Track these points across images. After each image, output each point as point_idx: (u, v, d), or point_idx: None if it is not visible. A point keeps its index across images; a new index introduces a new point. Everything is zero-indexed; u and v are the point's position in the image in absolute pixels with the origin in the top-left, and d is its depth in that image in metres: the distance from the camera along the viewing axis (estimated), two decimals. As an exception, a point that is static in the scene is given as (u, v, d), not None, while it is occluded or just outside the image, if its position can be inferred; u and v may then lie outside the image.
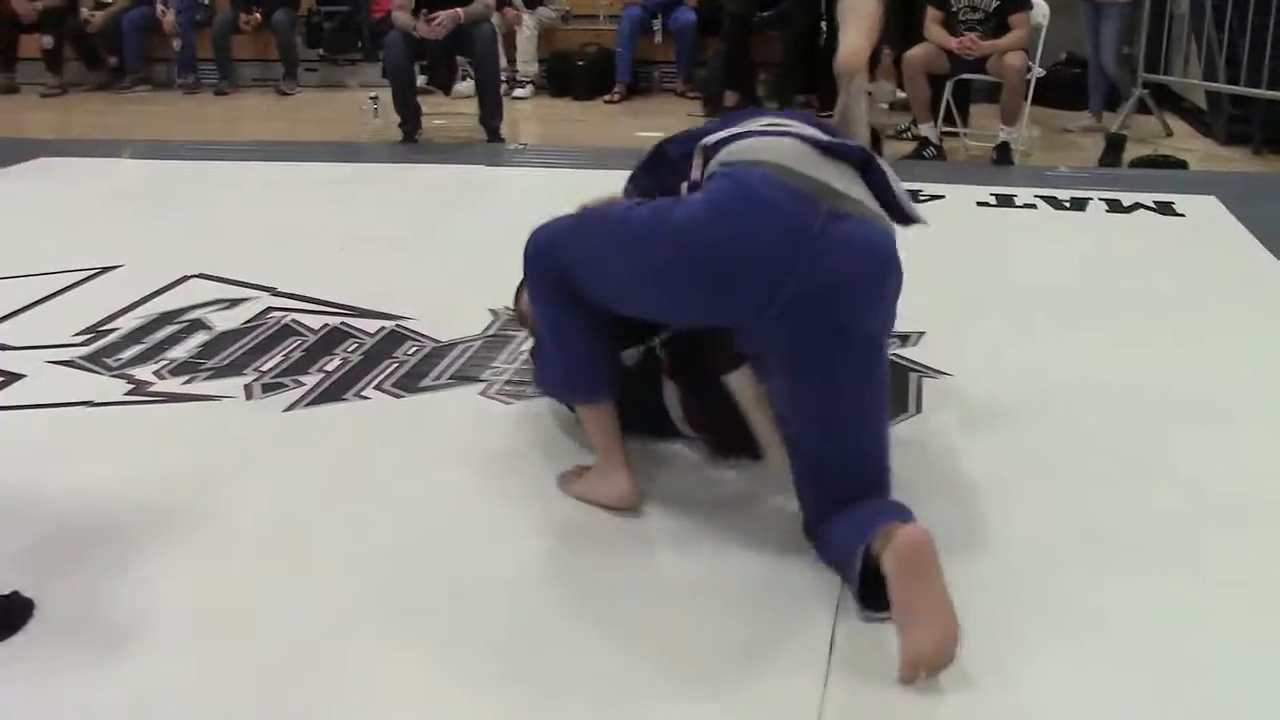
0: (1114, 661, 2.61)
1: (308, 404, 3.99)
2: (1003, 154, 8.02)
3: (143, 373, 4.26)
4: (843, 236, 2.82)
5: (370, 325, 4.68)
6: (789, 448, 3.02)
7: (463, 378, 4.18)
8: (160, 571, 2.98)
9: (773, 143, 3.02)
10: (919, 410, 3.93)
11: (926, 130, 8.24)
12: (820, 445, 2.94)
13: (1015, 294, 5.08)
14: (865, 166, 3.10)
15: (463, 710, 2.48)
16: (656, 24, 11.10)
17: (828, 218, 2.81)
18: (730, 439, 3.43)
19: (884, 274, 2.93)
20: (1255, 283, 5.35)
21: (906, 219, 3.21)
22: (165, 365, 4.32)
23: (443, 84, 9.26)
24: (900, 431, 3.72)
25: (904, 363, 4.27)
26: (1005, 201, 6.74)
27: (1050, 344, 4.50)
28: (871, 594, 2.69)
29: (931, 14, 8.08)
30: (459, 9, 8.42)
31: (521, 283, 3.55)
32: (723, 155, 3.03)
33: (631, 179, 3.43)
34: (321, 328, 4.67)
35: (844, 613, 2.76)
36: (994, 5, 7.91)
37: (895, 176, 3.17)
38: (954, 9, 8.00)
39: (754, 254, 2.79)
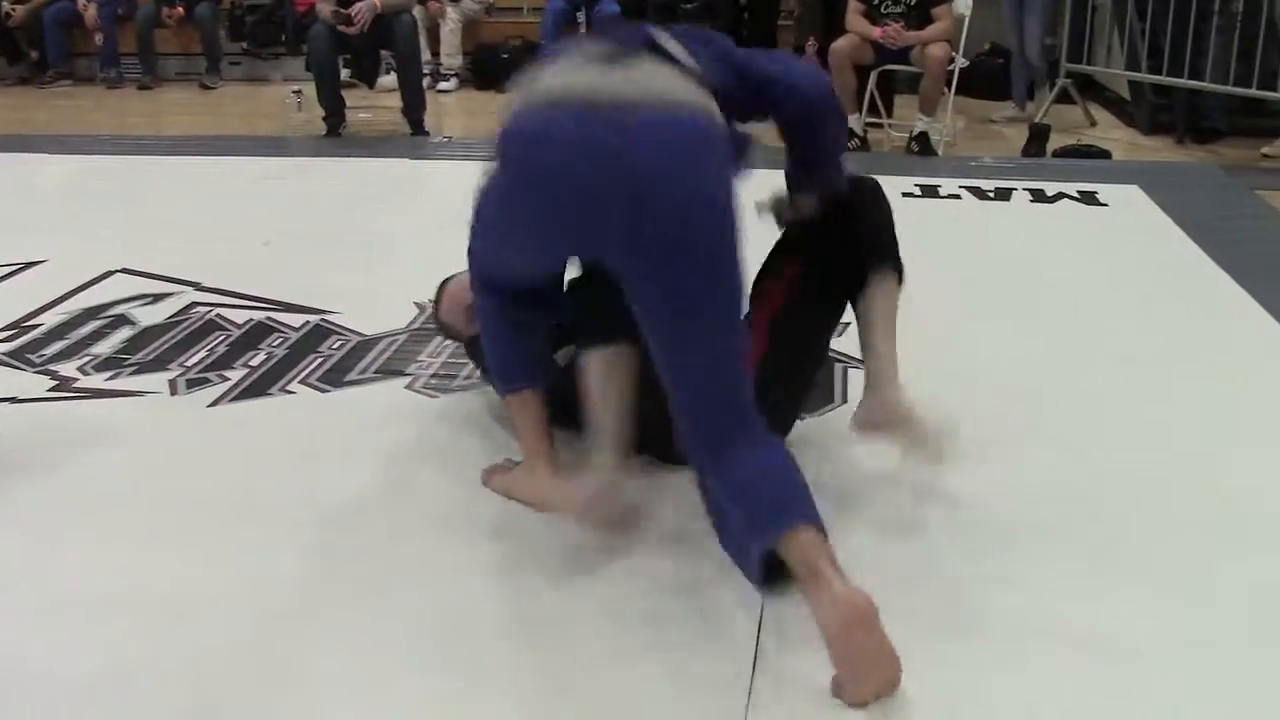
0: (1051, 660, 2.64)
1: (232, 399, 3.98)
2: (923, 144, 8.07)
3: (67, 369, 4.23)
4: (636, 137, 2.67)
5: (295, 320, 4.67)
6: (668, 390, 2.85)
7: (388, 372, 4.18)
8: (85, 567, 2.98)
9: (551, 67, 2.98)
10: (844, 400, 3.95)
11: (851, 121, 8.27)
12: (677, 374, 2.79)
13: (939, 284, 5.10)
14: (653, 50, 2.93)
15: (391, 697, 2.48)
16: (581, 16, 11.10)
17: (613, 129, 2.67)
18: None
19: (692, 153, 2.73)
20: (1179, 270, 5.41)
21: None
22: (89, 361, 4.30)
23: (366, 77, 9.24)
24: (826, 422, 3.77)
25: (830, 353, 4.30)
26: (930, 192, 6.78)
27: (975, 333, 4.54)
28: (773, 583, 2.64)
29: (853, 5, 8.11)
30: (375, 1, 8.42)
31: (440, 289, 3.59)
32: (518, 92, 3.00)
33: None
34: (246, 323, 4.65)
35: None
36: (915, -1, 8.00)
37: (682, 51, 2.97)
38: (876, 2, 8.05)
39: (563, 196, 2.74)
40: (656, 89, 2.78)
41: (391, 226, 6.04)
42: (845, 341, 4.34)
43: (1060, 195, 6.70)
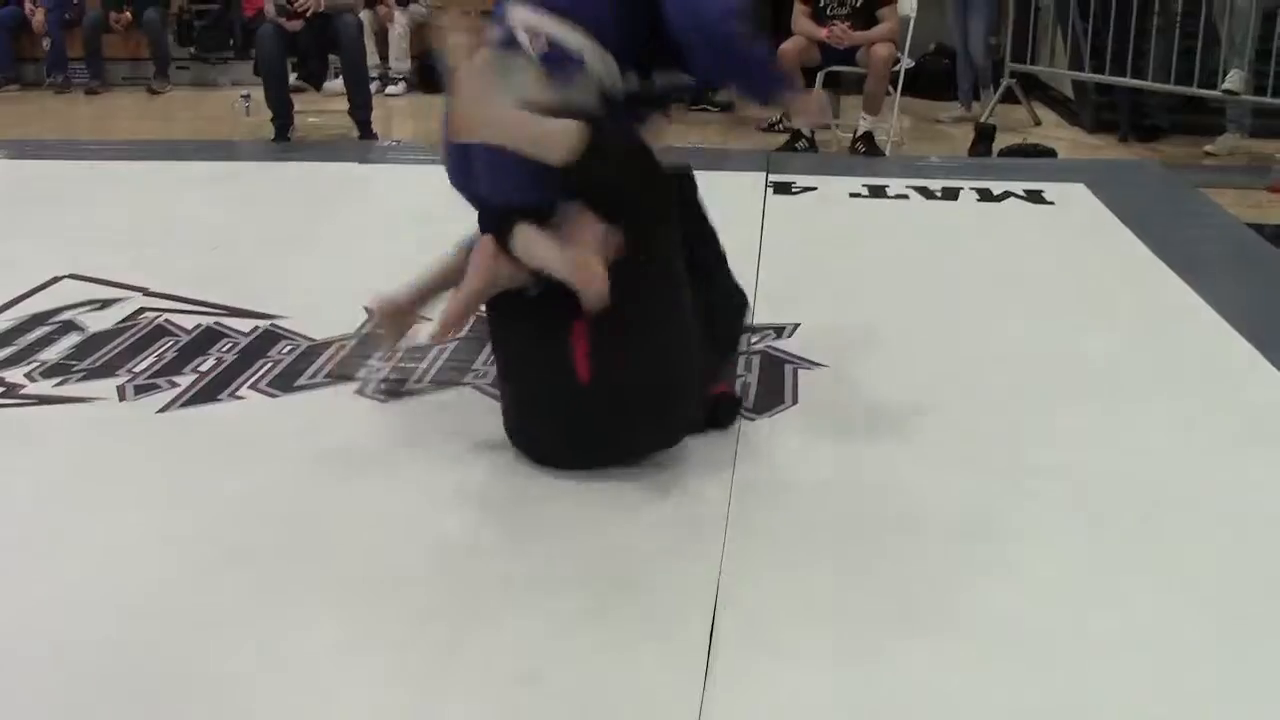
0: (990, 650, 2.69)
1: (182, 405, 3.97)
2: (869, 144, 8.12)
3: (14, 375, 4.21)
4: None
5: (244, 325, 4.66)
6: None
7: (339, 377, 4.18)
8: (34, 574, 2.98)
9: None
10: (795, 402, 3.97)
11: (799, 122, 8.32)
12: None
13: (888, 284, 5.15)
14: None
15: (342, 701, 2.51)
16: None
17: None
18: None
19: None
20: (1125, 267, 5.47)
21: None
22: (37, 367, 4.28)
23: (314, 80, 9.22)
24: (777, 423, 3.80)
25: (779, 355, 4.33)
26: (877, 192, 6.80)
27: (924, 332, 4.57)
28: None
29: (799, 8, 8.17)
30: None
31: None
32: None
33: None
34: (195, 328, 4.64)
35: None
36: (860, 1, 8.02)
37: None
38: (821, 4, 8.09)
39: None
40: None
41: (341, 230, 6.03)
42: (794, 343, 4.41)
43: (1007, 194, 6.74)
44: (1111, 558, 3.04)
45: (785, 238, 5.61)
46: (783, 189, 6.70)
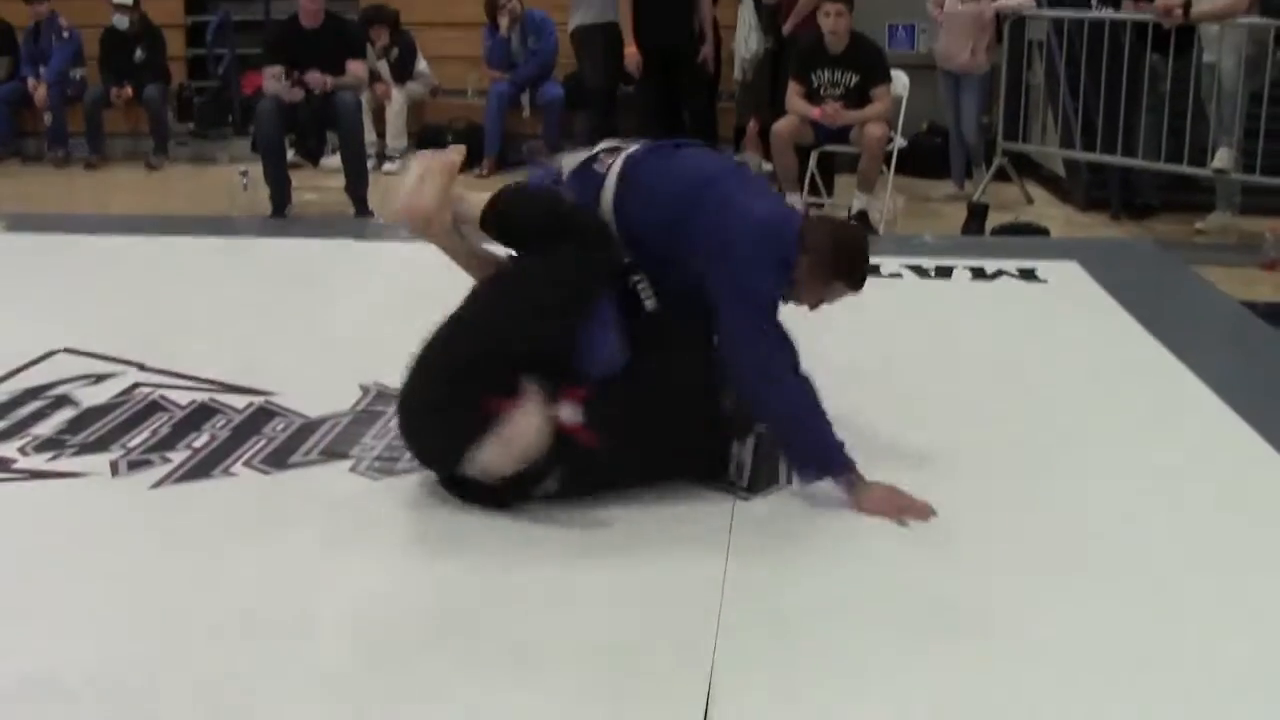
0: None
1: (175, 480, 3.97)
2: (863, 222, 8.14)
3: (7, 449, 4.21)
4: None
5: (239, 401, 4.66)
6: None
7: (332, 454, 4.17)
8: (22, 647, 2.97)
9: None
10: (790, 482, 3.96)
11: (793, 201, 8.35)
12: None
13: (883, 363, 5.16)
14: None
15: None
16: (524, 99, 11.20)
17: None
18: None
19: None
20: (1117, 344, 5.48)
21: None
22: (30, 442, 4.28)
23: (311, 156, 9.30)
24: (772, 503, 3.81)
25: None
26: (871, 271, 6.80)
27: (919, 411, 4.57)
28: None
29: (794, 87, 8.23)
30: (327, 76, 8.49)
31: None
32: None
33: None
34: (189, 404, 4.64)
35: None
36: (854, 81, 8.07)
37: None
38: (815, 85, 8.15)
39: None
40: None
41: (336, 308, 6.05)
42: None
43: (1000, 272, 6.76)
44: (1113, 637, 3.04)
45: (780, 316, 5.62)
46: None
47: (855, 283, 3.94)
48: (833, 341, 5.41)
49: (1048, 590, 3.28)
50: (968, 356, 5.29)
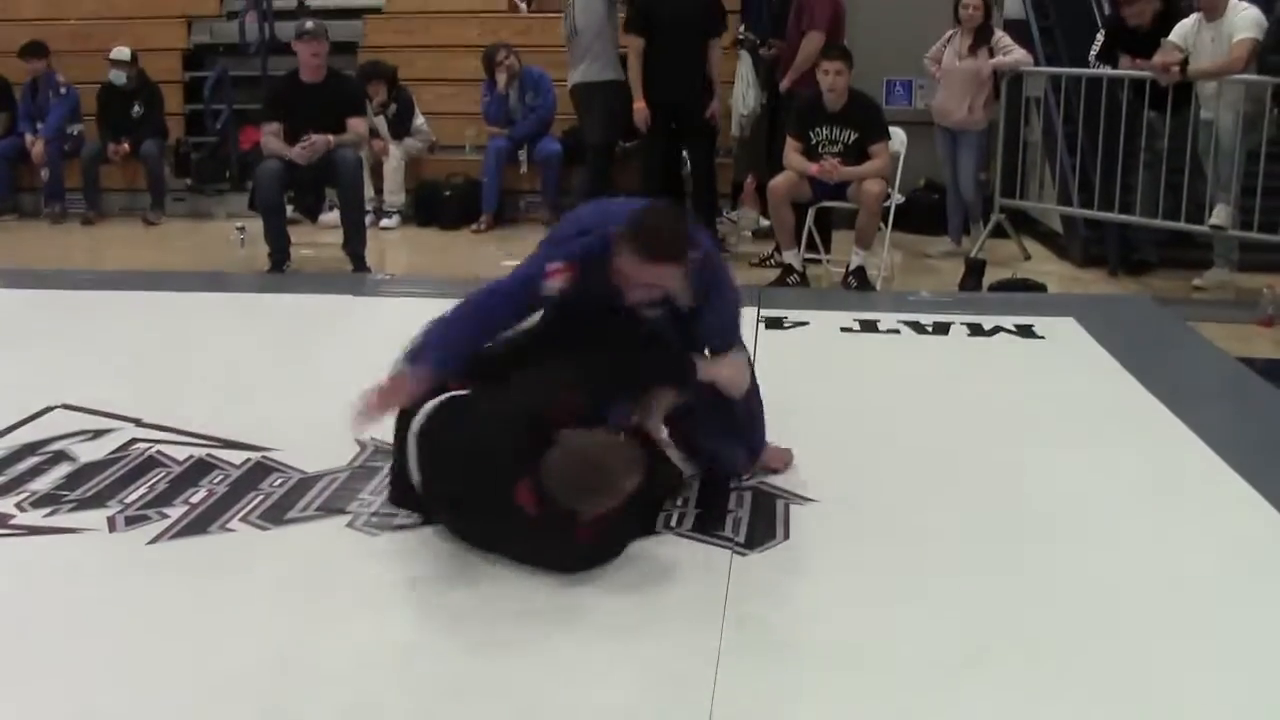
0: None
1: (172, 536, 3.96)
2: (860, 279, 8.17)
3: (4, 505, 4.20)
4: None
5: (236, 456, 4.66)
6: None
7: (329, 510, 4.16)
8: (19, 701, 2.97)
9: None
10: (788, 537, 3.97)
11: (790, 257, 8.37)
12: None
13: (880, 419, 5.16)
14: None
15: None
16: (522, 154, 11.22)
17: None
18: None
19: None
20: (1115, 401, 5.48)
21: None
22: (27, 497, 4.27)
23: (309, 212, 9.30)
24: (769, 558, 3.80)
25: (771, 490, 4.33)
26: (869, 327, 6.84)
27: (916, 468, 4.57)
28: None
29: (790, 143, 8.23)
30: (330, 136, 8.50)
31: None
32: None
33: None
34: (187, 459, 4.64)
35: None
36: (853, 138, 8.09)
37: None
38: (814, 141, 8.17)
39: None
40: None
41: (333, 363, 6.01)
42: (786, 479, 4.40)
43: (997, 329, 6.77)
44: (1105, 693, 3.03)
45: (777, 372, 5.62)
46: (774, 324, 6.73)
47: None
48: (829, 395, 5.44)
49: (1043, 646, 3.27)
50: (964, 413, 5.28)
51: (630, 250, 3.80)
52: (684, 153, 9.90)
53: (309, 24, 8.80)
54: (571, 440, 3.52)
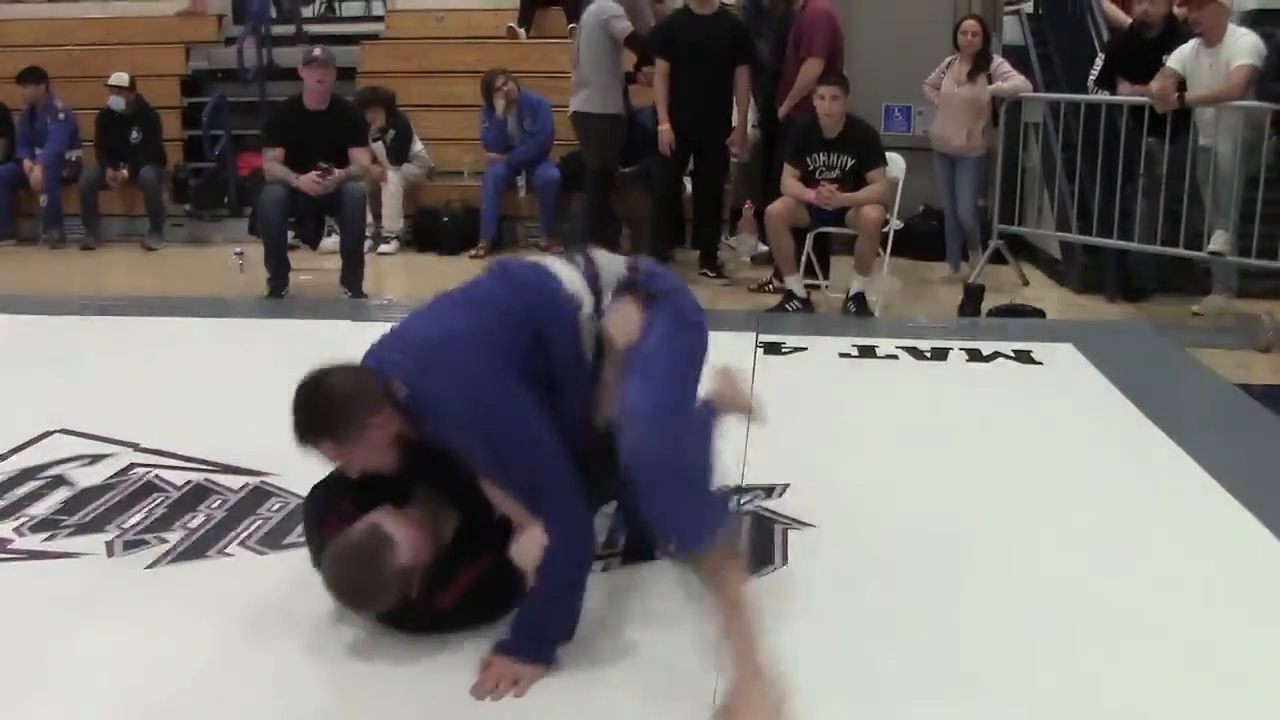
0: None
1: (170, 561, 3.96)
2: (859, 304, 8.16)
3: (3, 529, 4.21)
4: None
5: (234, 481, 4.66)
6: None
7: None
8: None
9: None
10: (785, 562, 3.97)
11: (791, 283, 8.37)
12: None
13: (878, 445, 5.16)
14: None
15: None
16: (520, 180, 11.24)
17: None
18: None
19: None
20: (1113, 427, 5.49)
21: None
22: (25, 522, 4.28)
23: (310, 239, 9.30)
24: (767, 584, 3.78)
25: (769, 515, 4.33)
26: (867, 352, 6.85)
27: (914, 494, 4.57)
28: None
29: (788, 169, 8.24)
30: (341, 170, 8.51)
31: None
32: None
33: None
34: (185, 484, 4.64)
35: None
36: (850, 164, 8.09)
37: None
38: (811, 168, 8.17)
39: None
40: None
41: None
42: (784, 503, 4.40)
43: (996, 354, 6.78)
44: (1101, 710, 3.02)
45: (775, 398, 5.61)
46: (773, 349, 6.73)
47: None
48: (827, 421, 5.43)
49: (1039, 673, 3.27)
50: (962, 439, 5.29)
51: None
52: (686, 179, 9.93)
53: (317, 51, 8.79)
54: (332, 545, 3.37)
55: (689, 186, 10.10)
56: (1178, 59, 8.34)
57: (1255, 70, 8.03)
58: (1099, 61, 9.26)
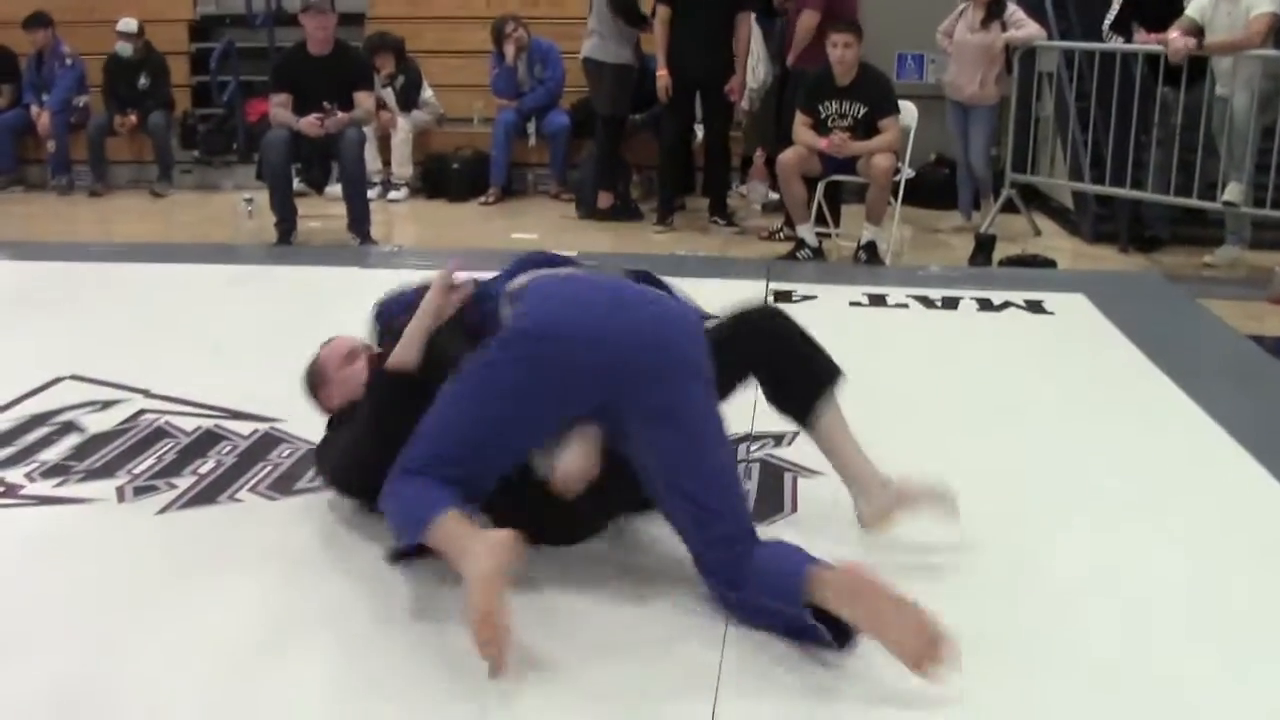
0: None
1: (180, 507, 3.96)
2: (870, 253, 8.14)
3: (13, 475, 4.20)
4: (633, 315, 3.31)
5: (244, 427, 4.65)
6: (666, 513, 3.31)
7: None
8: (27, 674, 2.97)
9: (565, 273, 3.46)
10: (794, 510, 3.96)
11: (803, 231, 8.35)
12: (689, 484, 3.19)
13: (887, 393, 5.12)
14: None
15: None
16: (530, 127, 11.21)
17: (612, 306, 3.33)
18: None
19: (679, 333, 3.35)
20: (1124, 377, 5.47)
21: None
22: (37, 468, 4.27)
23: (316, 184, 9.28)
24: (776, 531, 3.75)
25: (778, 462, 4.31)
26: (877, 301, 6.82)
27: (923, 442, 4.52)
28: (841, 635, 3.01)
29: (800, 117, 8.21)
30: (345, 114, 8.49)
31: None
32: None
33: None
34: (195, 430, 4.63)
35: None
36: (863, 112, 8.06)
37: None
38: (823, 116, 8.14)
39: (577, 354, 3.20)
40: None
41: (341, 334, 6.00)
42: (794, 451, 4.38)
43: (1007, 304, 6.75)
44: (1114, 675, 3.02)
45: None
46: (783, 297, 6.71)
47: None
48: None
49: (1049, 629, 3.25)
50: (972, 388, 5.27)
51: None
52: (696, 125, 9.90)
53: (314, -4, 8.76)
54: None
55: (700, 134, 10.06)
56: (1196, 7, 8.28)
57: (1276, 19, 7.98)
58: (1115, 4, 9.19)
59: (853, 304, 6.75)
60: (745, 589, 3.12)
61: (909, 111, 8.46)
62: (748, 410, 4.18)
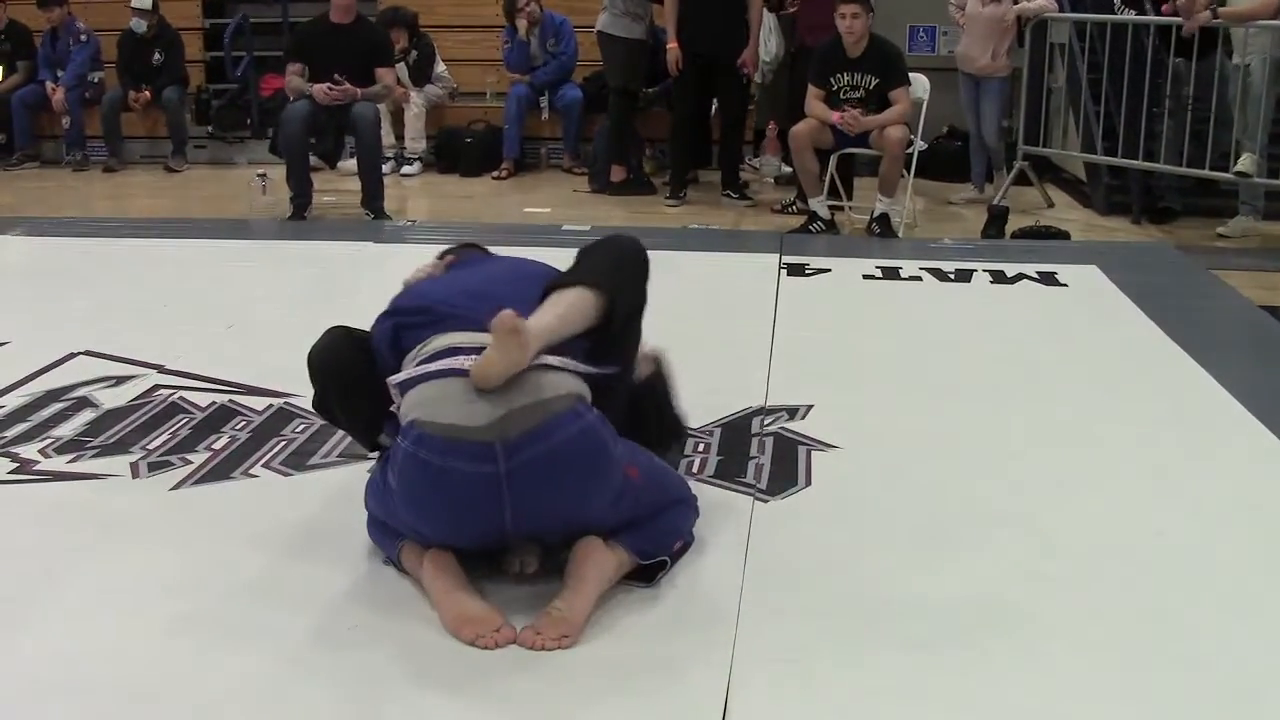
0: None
1: (195, 482, 3.96)
2: (883, 226, 8.14)
3: (28, 451, 4.20)
4: (529, 463, 2.99)
5: (258, 403, 4.65)
6: None
7: (351, 455, 4.13)
8: (44, 645, 2.98)
9: (440, 390, 3.11)
10: (809, 483, 3.95)
11: (815, 205, 8.35)
12: None
13: (902, 365, 5.14)
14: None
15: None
16: (544, 101, 11.20)
17: (507, 455, 2.98)
18: None
19: (584, 466, 3.08)
20: (1138, 349, 5.46)
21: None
22: (51, 443, 4.27)
23: (328, 158, 9.29)
24: (791, 505, 3.78)
25: (793, 436, 4.31)
26: (891, 274, 6.82)
27: (938, 414, 4.54)
28: None
29: (812, 90, 8.20)
30: (357, 89, 8.50)
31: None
32: (405, 410, 3.19)
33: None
34: (209, 405, 4.63)
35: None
36: (874, 83, 8.05)
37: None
38: (835, 88, 8.13)
39: (461, 525, 3.14)
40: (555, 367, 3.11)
41: (355, 310, 5.92)
42: (807, 424, 4.39)
43: (1020, 276, 6.73)
44: (1126, 646, 3.01)
45: (799, 319, 5.62)
46: (796, 270, 6.71)
47: None
48: (849, 342, 5.42)
49: (1065, 595, 3.25)
50: (986, 360, 5.27)
51: None
52: (713, 100, 9.90)
53: (342, -34, 8.76)
54: None
55: (718, 110, 10.06)
56: (1211, -26, 8.26)
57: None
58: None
59: (866, 277, 6.74)
60: None
61: (921, 84, 8.45)
62: (761, 385, 4.19)
